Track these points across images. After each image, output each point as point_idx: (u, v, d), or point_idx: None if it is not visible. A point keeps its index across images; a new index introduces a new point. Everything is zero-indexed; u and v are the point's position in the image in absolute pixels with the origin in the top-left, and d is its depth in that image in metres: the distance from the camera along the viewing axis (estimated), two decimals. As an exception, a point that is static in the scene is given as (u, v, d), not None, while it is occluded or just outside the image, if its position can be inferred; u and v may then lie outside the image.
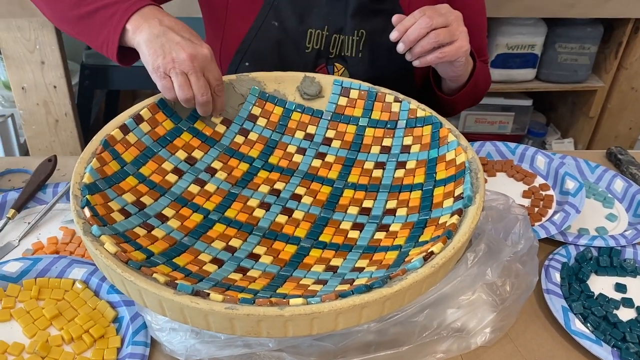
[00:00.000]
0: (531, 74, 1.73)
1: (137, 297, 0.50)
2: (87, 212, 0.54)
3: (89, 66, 1.63)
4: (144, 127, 0.68)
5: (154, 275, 0.49)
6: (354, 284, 0.52)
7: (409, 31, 0.72)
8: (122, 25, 0.68)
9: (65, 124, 1.55)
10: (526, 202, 0.83)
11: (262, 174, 0.71)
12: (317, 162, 0.73)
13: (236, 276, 0.56)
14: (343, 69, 0.86)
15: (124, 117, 0.67)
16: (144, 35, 0.67)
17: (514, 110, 1.83)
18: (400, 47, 0.74)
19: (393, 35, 0.73)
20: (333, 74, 0.86)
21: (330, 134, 0.76)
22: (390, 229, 0.62)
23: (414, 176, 0.68)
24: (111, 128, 0.65)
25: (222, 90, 0.70)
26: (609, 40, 1.71)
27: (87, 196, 0.56)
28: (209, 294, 0.48)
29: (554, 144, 1.90)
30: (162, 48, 0.65)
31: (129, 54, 0.72)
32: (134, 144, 0.66)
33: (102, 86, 1.72)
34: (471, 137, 0.94)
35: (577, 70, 1.71)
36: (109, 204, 0.58)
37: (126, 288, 0.50)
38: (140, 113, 0.68)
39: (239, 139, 0.74)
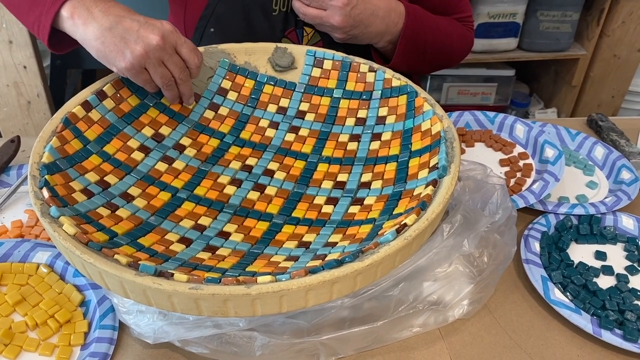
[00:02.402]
0: (513, 43, 1.71)
1: (98, 279, 0.48)
2: (45, 193, 0.52)
3: (60, 45, 1.58)
4: (108, 103, 0.65)
5: (115, 256, 0.47)
6: (326, 259, 0.51)
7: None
8: (55, 8, 0.61)
9: (37, 105, 1.51)
10: (504, 171, 0.82)
11: (234, 150, 0.68)
12: (290, 136, 0.70)
13: (204, 255, 0.54)
14: (313, 32, 0.83)
15: (86, 93, 0.64)
16: (92, 30, 0.59)
17: (496, 81, 1.81)
18: None
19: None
20: (302, 38, 0.84)
21: (304, 106, 0.73)
22: (365, 202, 0.61)
23: (389, 148, 0.66)
24: (72, 105, 0.62)
25: (200, 59, 0.65)
26: (591, 7, 1.69)
27: (46, 176, 0.53)
28: (172, 275, 0.46)
29: (537, 114, 1.90)
30: (124, 41, 0.59)
31: (64, 39, 0.65)
32: (97, 121, 0.63)
33: (75, 65, 1.66)
34: (454, 109, 0.92)
35: (559, 39, 1.70)
36: (70, 184, 0.56)
37: (87, 270, 0.48)
38: (104, 89, 0.65)
39: (209, 114, 0.71)
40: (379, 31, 0.79)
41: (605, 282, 0.66)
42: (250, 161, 0.67)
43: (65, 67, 1.63)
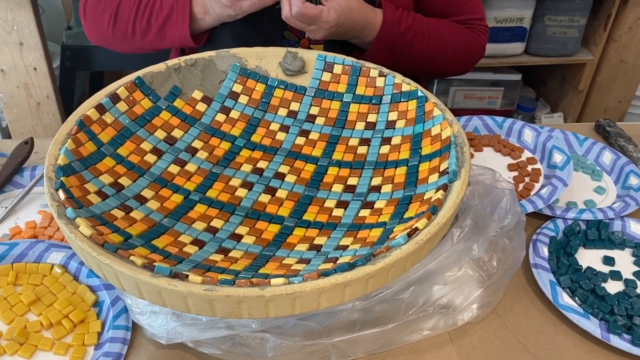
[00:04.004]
0: (520, 47, 1.72)
1: (114, 280, 0.48)
2: (61, 195, 0.52)
3: (69, 47, 1.60)
4: (121, 106, 0.65)
5: (131, 257, 0.48)
6: (337, 262, 0.51)
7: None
8: (187, 16, 0.81)
9: (47, 106, 1.52)
10: (512, 175, 0.82)
11: (245, 153, 0.69)
12: (300, 140, 0.71)
13: (217, 257, 0.54)
14: None
15: (100, 96, 0.65)
16: (212, 16, 0.80)
17: (503, 85, 1.81)
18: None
19: None
20: (305, 32, 0.84)
21: (314, 110, 0.74)
22: (375, 206, 0.61)
23: (399, 152, 0.67)
24: (87, 108, 0.63)
25: None
26: (598, 12, 1.70)
27: (62, 178, 0.54)
28: (187, 276, 0.46)
29: (543, 118, 1.90)
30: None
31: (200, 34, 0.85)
32: (111, 124, 0.64)
33: (84, 67, 1.68)
34: (460, 113, 0.92)
35: (566, 43, 1.70)
36: (85, 185, 0.57)
37: (103, 271, 0.48)
38: (117, 92, 0.66)
39: (220, 117, 0.72)
40: (353, 36, 0.83)
41: (613, 287, 0.67)
42: (261, 164, 0.68)
43: (75, 69, 1.64)
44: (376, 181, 0.65)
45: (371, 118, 0.72)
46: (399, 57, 0.86)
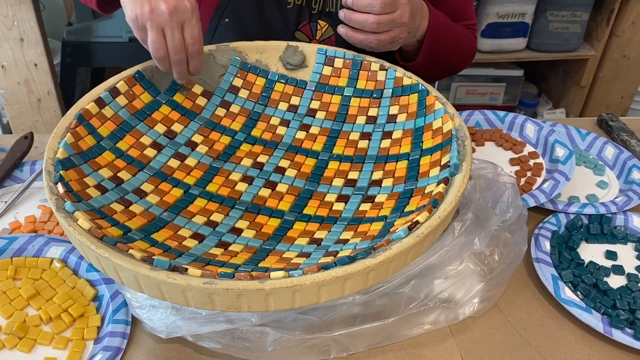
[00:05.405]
0: (522, 43, 1.71)
1: (113, 274, 0.48)
2: (60, 188, 0.52)
3: (70, 43, 1.60)
4: (121, 100, 0.65)
5: (130, 251, 0.47)
6: (338, 256, 0.51)
7: (357, 15, 0.71)
8: None
9: (48, 103, 1.52)
10: (514, 170, 0.82)
11: (245, 147, 0.69)
12: (301, 134, 0.71)
13: (217, 251, 0.54)
14: (327, 25, 0.83)
15: (99, 90, 0.65)
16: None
17: (505, 81, 1.81)
18: (341, 15, 0.72)
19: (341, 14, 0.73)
20: (316, 32, 0.84)
21: (315, 104, 0.74)
22: (376, 200, 0.61)
23: (400, 146, 0.67)
24: (86, 102, 0.63)
25: (199, 51, 0.65)
26: (601, 7, 1.69)
27: (61, 172, 0.54)
28: (186, 269, 0.46)
29: (545, 114, 1.89)
30: None
31: (110, 2, 0.73)
32: (111, 118, 0.63)
33: (85, 64, 1.68)
34: (462, 109, 0.92)
35: (569, 39, 1.69)
36: (84, 179, 0.56)
37: (101, 265, 0.48)
38: (117, 86, 0.65)
39: (220, 111, 0.72)
40: (415, 26, 0.77)
41: (615, 281, 0.66)
42: (262, 158, 0.67)
43: (75, 65, 1.64)
44: (377, 175, 0.64)
45: (372, 112, 0.71)
46: (443, 49, 0.82)
